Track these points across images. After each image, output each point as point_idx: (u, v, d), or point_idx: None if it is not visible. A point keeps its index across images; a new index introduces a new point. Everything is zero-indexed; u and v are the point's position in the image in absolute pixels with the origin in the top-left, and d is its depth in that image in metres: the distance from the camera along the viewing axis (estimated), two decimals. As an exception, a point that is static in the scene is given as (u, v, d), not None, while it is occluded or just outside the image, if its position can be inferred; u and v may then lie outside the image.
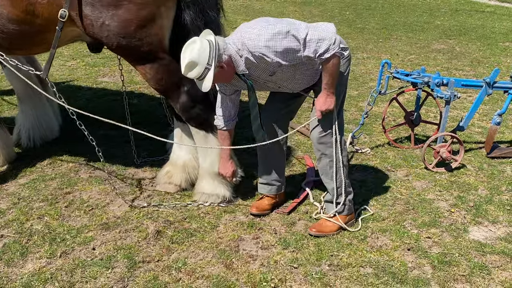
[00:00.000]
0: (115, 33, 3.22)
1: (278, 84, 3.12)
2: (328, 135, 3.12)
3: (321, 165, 3.22)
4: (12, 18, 3.30)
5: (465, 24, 11.19)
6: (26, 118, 4.47)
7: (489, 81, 4.23)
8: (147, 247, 3.08)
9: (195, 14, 3.37)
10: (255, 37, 2.84)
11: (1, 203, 3.56)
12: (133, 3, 3.16)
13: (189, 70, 2.86)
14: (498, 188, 3.88)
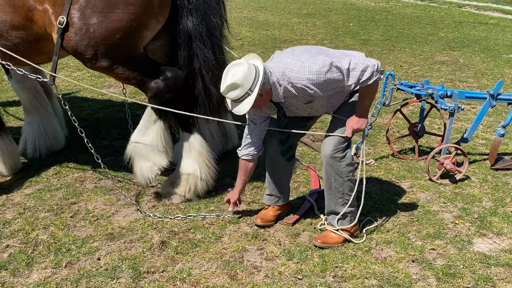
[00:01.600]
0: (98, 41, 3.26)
1: (310, 110, 3.18)
2: (340, 151, 3.13)
3: (328, 178, 3.22)
4: (14, 25, 3.34)
5: (469, 36, 11.21)
6: (32, 128, 4.50)
7: (493, 93, 4.24)
8: (152, 257, 3.09)
9: (198, 20, 3.41)
10: (298, 69, 2.88)
11: (7, 213, 3.58)
12: (127, 11, 3.20)
13: (230, 90, 2.86)
14: (502, 200, 3.88)
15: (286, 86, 2.95)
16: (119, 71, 3.43)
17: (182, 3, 3.38)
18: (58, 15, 3.21)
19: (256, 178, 4.10)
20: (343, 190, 3.20)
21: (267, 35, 10.34)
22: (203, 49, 3.50)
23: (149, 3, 3.26)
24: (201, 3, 3.43)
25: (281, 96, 3.00)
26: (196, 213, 3.58)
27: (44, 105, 4.57)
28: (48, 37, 3.40)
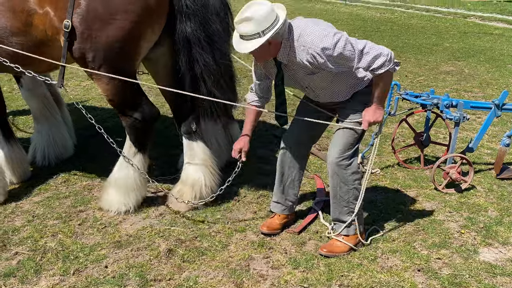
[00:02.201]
0: (98, 47, 3.25)
1: (308, 86, 3.11)
2: (346, 159, 3.12)
3: (333, 186, 3.22)
4: (14, 30, 3.34)
5: (474, 46, 11.21)
6: (41, 137, 4.53)
7: (498, 103, 4.23)
8: (158, 265, 3.09)
9: (196, 25, 3.41)
10: (317, 34, 2.79)
11: (16, 220, 3.60)
12: (124, 20, 3.20)
13: (243, 22, 2.76)
14: (508, 210, 3.85)
15: (298, 48, 2.86)
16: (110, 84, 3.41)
17: (180, 9, 3.38)
18: (61, 19, 3.20)
19: (263, 187, 4.11)
20: (348, 199, 3.19)
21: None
22: (203, 54, 3.49)
23: (146, 11, 3.26)
24: (199, 8, 3.43)
25: (287, 57, 2.91)
26: (203, 220, 3.58)
27: (54, 114, 4.60)
28: (49, 42, 3.38)
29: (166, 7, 3.37)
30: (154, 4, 3.27)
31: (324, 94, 3.14)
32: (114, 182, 3.67)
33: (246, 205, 3.84)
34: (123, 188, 3.63)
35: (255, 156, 4.71)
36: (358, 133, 3.13)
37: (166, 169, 4.23)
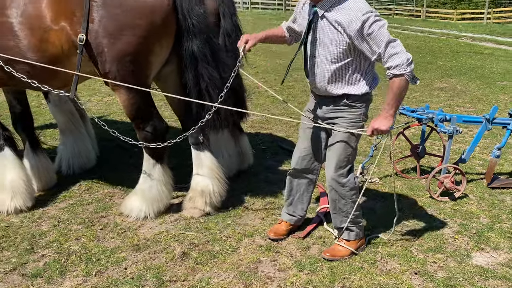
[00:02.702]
0: (111, 60, 3.24)
1: (317, 57, 2.95)
2: (343, 176, 3.08)
3: (332, 200, 3.20)
4: (30, 47, 3.32)
5: (465, 65, 11.20)
6: (66, 148, 4.56)
7: (488, 117, 4.23)
8: (174, 267, 3.09)
9: (201, 42, 3.40)
10: (364, 6, 2.73)
11: (43, 225, 3.61)
12: (134, 35, 3.19)
13: None
14: (498, 217, 3.82)
15: (342, 7, 2.75)
16: (127, 98, 3.40)
17: (187, 28, 3.36)
18: (76, 33, 3.18)
19: (270, 195, 4.11)
20: (346, 210, 3.18)
21: (280, 63, 10.43)
22: (208, 69, 3.48)
23: (153, 28, 3.24)
24: (204, 27, 3.42)
25: (329, 6, 2.78)
26: (215, 226, 3.59)
27: (78, 127, 4.63)
28: (65, 58, 3.34)
29: (173, 25, 3.35)
30: (160, 21, 3.25)
31: (324, 77, 2.96)
32: (139, 192, 3.68)
33: (254, 212, 3.84)
34: (147, 197, 3.64)
35: (263, 166, 4.72)
36: (351, 147, 3.04)
37: (183, 178, 4.24)
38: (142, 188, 3.67)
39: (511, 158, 5.16)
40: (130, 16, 3.16)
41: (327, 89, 2.99)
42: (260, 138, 5.59)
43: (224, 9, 3.89)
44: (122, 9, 3.15)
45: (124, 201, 3.79)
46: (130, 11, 3.16)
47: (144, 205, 3.64)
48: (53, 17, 3.21)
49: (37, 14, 3.22)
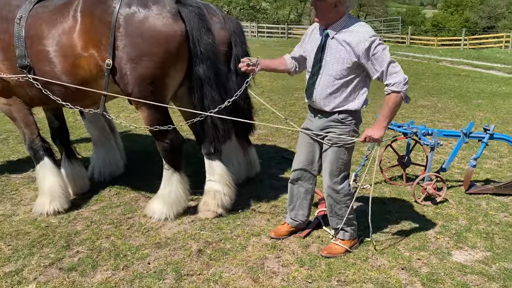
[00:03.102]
0: (133, 82, 3.26)
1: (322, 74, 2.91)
2: (338, 184, 3.07)
3: (329, 204, 3.19)
4: (64, 71, 3.34)
5: (445, 85, 11.19)
6: (98, 158, 4.59)
7: (465, 132, 4.22)
8: (190, 262, 3.09)
9: (207, 67, 3.40)
10: (369, 30, 2.74)
11: (77, 225, 3.64)
12: (152, 61, 3.21)
13: None
14: (475, 219, 3.80)
15: (351, 30, 2.74)
16: (148, 114, 3.41)
17: (196, 54, 3.38)
18: (103, 59, 3.21)
19: (274, 199, 4.11)
20: (341, 214, 3.17)
21: (283, 84, 10.47)
22: (211, 92, 3.46)
23: (168, 54, 3.25)
24: (211, 54, 3.42)
25: (338, 30, 2.78)
26: (226, 226, 3.59)
27: (109, 140, 4.66)
28: (93, 80, 3.36)
29: (185, 52, 3.36)
30: (174, 49, 3.27)
31: (324, 92, 2.90)
32: (160, 196, 3.69)
33: (260, 214, 3.84)
34: (167, 201, 3.65)
35: (268, 173, 4.72)
36: (343, 159, 3.01)
37: (198, 184, 4.26)
38: (163, 193, 3.68)
39: (486, 167, 5.13)
40: (148, 44, 3.19)
41: (323, 103, 2.94)
42: (266, 149, 5.60)
43: (235, 38, 3.93)
44: (142, 39, 3.18)
45: (147, 204, 3.80)
46: (149, 40, 3.19)
47: (164, 208, 3.65)
48: (83, 46, 3.26)
49: (69, 43, 3.27)
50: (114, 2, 3.19)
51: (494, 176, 4.85)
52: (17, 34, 3.37)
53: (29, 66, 3.39)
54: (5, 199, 4.10)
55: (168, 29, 3.22)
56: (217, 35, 3.78)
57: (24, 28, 3.36)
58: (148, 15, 3.19)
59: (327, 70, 2.88)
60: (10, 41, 3.41)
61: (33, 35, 3.35)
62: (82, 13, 3.26)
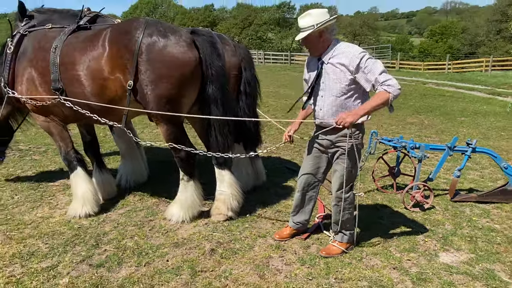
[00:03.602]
0: (152, 101, 3.28)
1: (323, 95, 2.88)
2: (344, 193, 3.02)
3: (335, 212, 3.14)
4: (93, 93, 3.39)
5: (431, 104, 11.14)
6: (125, 167, 4.62)
7: (450, 146, 4.19)
8: (204, 260, 3.08)
9: (216, 88, 3.42)
10: (357, 48, 2.74)
11: (106, 226, 3.65)
12: (169, 83, 3.24)
13: (302, 17, 2.73)
14: (460, 224, 3.74)
15: (341, 53, 2.72)
16: (166, 129, 3.43)
17: (208, 76, 3.39)
18: (127, 81, 3.25)
19: (278, 205, 4.10)
20: (344, 220, 3.13)
21: (287, 104, 10.50)
22: (216, 110, 3.46)
23: (184, 76, 3.28)
24: (221, 76, 3.44)
25: (330, 56, 2.76)
26: (236, 228, 3.57)
27: (134, 151, 4.69)
28: (118, 100, 3.37)
29: (199, 75, 3.38)
30: (189, 72, 3.29)
31: (330, 110, 2.88)
32: (177, 201, 3.70)
33: (266, 218, 3.83)
34: (183, 206, 3.65)
35: (273, 182, 4.71)
36: (351, 171, 2.98)
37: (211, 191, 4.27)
38: (180, 199, 3.69)
39: (469, 177, 5.07)
40: (166, 68, 3.23)
41: (329, 118, 2.88)
42: (271, 161, 5.60)
43: (245, 64, 3.98)
44: (161, 64, 3.22)
45: (167, 209, 3.81)
46: (167, 65, 3.22)
47: (181, 212, 3.65)
48: (110, 70, 3.31)
49: (98, 68, 3.33)
50: (137, 33, 3.25)
51: (476, 186, 4.79)
52: (52, 61, 3.44)
53: (61, 88, 3.46)
54: (43, 204, 4.14)
55: (184, 55, 3.27)
56: (229, 61, 3.83)
57: (59, 56, 3.43)
58: (167, 43, 3.24)
59: (328, 91, 2.88)
60: (46, 67, 3.49)
61: (67, 62, 3.42)
62: (109, 42, 3.32)
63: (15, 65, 3.70)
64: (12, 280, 2.82)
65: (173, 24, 3.74)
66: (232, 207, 3.70)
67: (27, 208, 4.00)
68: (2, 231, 3.51)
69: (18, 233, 3.49)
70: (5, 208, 4.00)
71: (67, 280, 2.82)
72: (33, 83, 3.61)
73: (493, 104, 11.67)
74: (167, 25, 3.40)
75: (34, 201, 4.18)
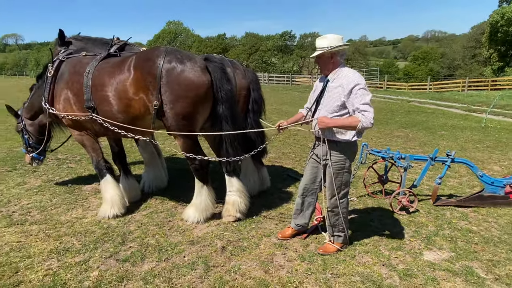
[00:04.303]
0: (171, 118, 3.29)
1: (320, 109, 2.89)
2: (339, 199, 3.00)
3: (329, 216, 3.11)
4: (119, 110, 3.42)
5: (415, 120, 11.07)
6: (148, 174, 4.63)
7: (432, 156, 4.16)
8: (216, 256, 3.07)
9: (226, 108, 3.43)
10: (358, 76, 2.74)
11: (131, 226, 3.65)
12: (185, 103, 3.26)
13: (319, 40, 2.77)
14: (441, 226, 3.68)
15: (344, 76, 2.73)
16: (183, 142, 3.44)
17: (218, 97, 3.41)
18: (150, 101, 3.26)
19: (281, 208, 4.07)
20: (339, 224, 3.11)
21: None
22: (226, 126, 3.46)
23: (198, 97, 3.29)
24: (229, 98, 3.45)
25: (335, 76, 2.77)
26: (244, 228, 3.55)
27: (157, 160, 4.72)
28: (141, 117, 3.37)
29: (211, 95, 3.40)
30: (202, 93, 3.32)
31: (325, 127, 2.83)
32: (193, 205, 3.69)
33: (270, 219, 3.81)
34: (198, 208, 3.65)
35: (276, 188, 4.69)
36: (341, 180, 2.94)
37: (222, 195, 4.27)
38: (195, 202, 3.69)
39: (449, 184, 5.00)
40: (183, 90, 3.25)
41: (323, 133, 2.91)
42: (275, 169, 5.59)
43: (253, 85, 4.03)
44: (179, 86, 3.25)
45: (184, 211, 3.81)
46: (184, 87, 3.25)
47: (196, 214, 3.65)
48: (134, 91, 3.35)
49: (124, 90, 3.37)
50: (158, 60, 3.29)
51: (456, 192, 4.73)
52: (86, 84, 3.50)
53: (93, 107, 3.51)
54: (77, 206, 4.16)
55: (198, 79, 3.31)
56: (240, 83, 3.87)
57: (91, 79, 3.49)
58: (184, 69, 3.28)
59: (325, 106, 2.88)
60: (80, 89, 3.55)
61: (97, 84, 3.47)
62: (134, 68, 3.37)
63: (54, 87, 3.78)
64: (50, 272, 2.83)
65: (191, 50, 3.80)
66: (241, 209, 3.69)
67: (63, 210, 4.03)
68: (42, 230, 3.54)
69: (55, 231, 3.51)
70: (44, 210, 4.03)
71: (97, 273, 2.82)
72: (69, 102, 3.67)
73: (469, 120, 11.57)
74: (184, 53, 3.45)
75: (69, 203, 4.21)
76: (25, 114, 4.40)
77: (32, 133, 4.44)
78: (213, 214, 3.79)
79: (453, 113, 13.43)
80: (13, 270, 2.86)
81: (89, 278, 2.76)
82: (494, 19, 31.89)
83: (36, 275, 2.80)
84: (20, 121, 4.45)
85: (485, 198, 4.15)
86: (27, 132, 4.44)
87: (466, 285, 2.73)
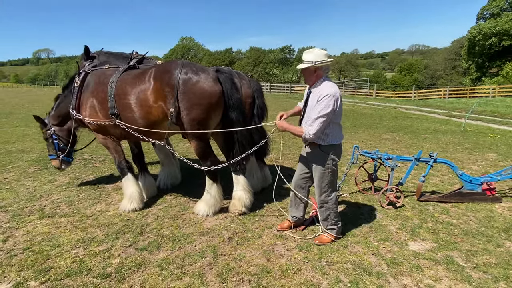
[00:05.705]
0: (187, 123, 3.30)
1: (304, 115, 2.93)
2: (327, 196, 3.00)
3: (320, 211, 3.10)
4: (140, 116, 3.42)
5: (401, 124, 11.01)
6: (163, 173, 4.64)
7: (416, 157, 4.13)
8: (223, 246, 3.07)
9: (237, 113, 3.45)
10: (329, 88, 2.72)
11: (148, 219, 3.65)
12: (200, 109, 3.27)
13: (305, 54, 2.77)
14: (425, 219, 3.66)
15: (321, 88, 2.75)
16: (196, 144, 3.45)
17: (229, 105, 3.41)
18: (168, 108, 3.27)
19: (281, 202, 4.06)
20: (331, 217, 3.11)
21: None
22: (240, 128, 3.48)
23: (210, 104, 3.30)
24: (239, 105, 3.46)
25: (316, 87, 2.79)
26: (248, 221, 3.54)
27: (171, 160, 4.74)
28: (160, 122, 3.37)
29: (222, 103, 3.41)
30: (215, 101, 3.33)
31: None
32: (203, 200, 3.70)
33: (272, 213, 3.80)
34: (208, 203, 3.65)
35: (276, 185, 4.67)
36: (327, 178, 2.93)
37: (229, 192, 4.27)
38: (205, 198, 3.69)
39: (432, 182, 4.96)
40: (198, 98, 3.27)
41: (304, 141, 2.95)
42: (275, 168, 5.58)
43: (257, 94, 4.04)
44: (194, 95, 3.27)
45: (195, 205, 3.81)
46: (198, 95, 3.27)
47: (206, 208, 3.65)
48: (154, 100, 3.37)
49: (145, 98, 3.39)
50: (176, 72, 3.32)
51: (438, 189, 4.69)
52: (110, 93, 3.52)
53: (117, 113, 3.53)
54: (101, 200, 4.19)
55: (211, 89, 3.33)
56: (245, 92, 3.89)
57: (114, 89, 3.51)
58: (198, 79, 3.30)
59: (307, 113, 2.90)
60: (105, 97, 3.58)
61: (120, 93, 3.49)
62: (154, 78, 3.39)
63: (80, 96, 3.81)
64: (76, 260, 2.85)
65: (201, 63, 3.83)
66: (246, 204, 3.68)
67: (89, 204, 4.05)
68: (70, 222, 3.56)
69: (82, 223, 3.53)
70: (72, 204, 4.06)
71: (118, 260, 2.84)
72: (94, 109, 3.70)
73: (450, 124, 11.49)
74: (198, 65, 3.47)
75: (94, 198, 4.23)
76: (52, 121, 4.39)
77: (63, 137, 4.46)
78: (221, 208, 3.78)
79: (436, 118, 13.35)
80: (44, 257, 2.88)
81: (111, 265, 2.78)
82: (472, 34, 31.73)
83: (64, 261, 2.82)
84: (48, 129, 4.42)
85: (464, 194, 4.11)
86: (57, 137, 4.45)
87: (447, 273, 2.70)
